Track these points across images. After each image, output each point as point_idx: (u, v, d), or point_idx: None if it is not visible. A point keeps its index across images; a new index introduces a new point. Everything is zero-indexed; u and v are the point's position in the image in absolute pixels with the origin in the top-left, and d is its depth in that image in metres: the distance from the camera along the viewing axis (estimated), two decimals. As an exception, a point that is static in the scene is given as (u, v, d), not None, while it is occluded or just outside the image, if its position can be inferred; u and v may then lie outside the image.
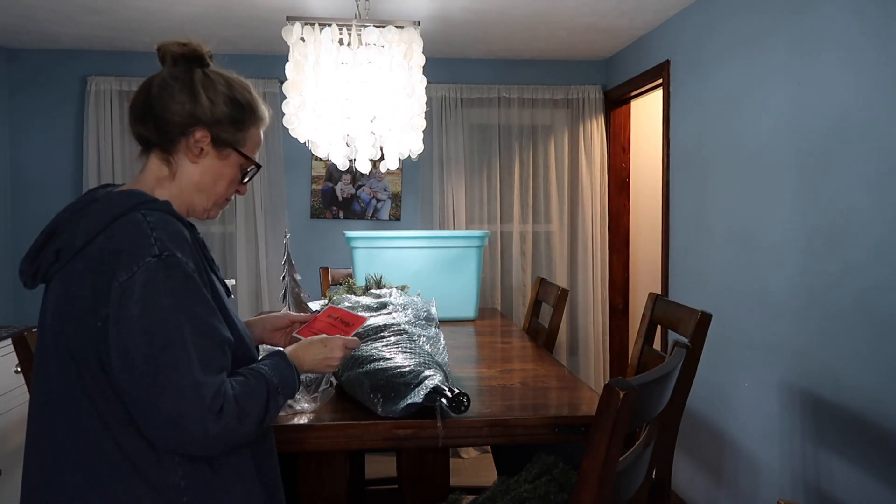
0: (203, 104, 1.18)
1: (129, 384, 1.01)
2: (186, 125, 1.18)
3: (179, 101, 1.18)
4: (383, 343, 1.59)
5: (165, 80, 1.20)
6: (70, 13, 3.09)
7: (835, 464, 2.10)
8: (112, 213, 1.08)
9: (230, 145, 1.22)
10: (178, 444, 1.03)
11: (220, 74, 1.23)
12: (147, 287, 1.02)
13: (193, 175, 1.20)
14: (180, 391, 1.00)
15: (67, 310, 1.06)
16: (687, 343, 1.62)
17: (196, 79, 1.20)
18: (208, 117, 1.19)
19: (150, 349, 1.00)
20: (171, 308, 1.03)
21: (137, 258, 1.03)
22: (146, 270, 1.03)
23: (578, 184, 4.01)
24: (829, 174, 2.12)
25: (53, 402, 1.07)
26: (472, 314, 2.84)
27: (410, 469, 1.63)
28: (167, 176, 1.19)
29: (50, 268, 1.10)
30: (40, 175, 3.74)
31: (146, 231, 1.05)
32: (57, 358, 1.07)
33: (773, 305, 2.42)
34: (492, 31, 3.43)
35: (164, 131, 1.18)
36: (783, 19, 2.36)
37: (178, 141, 1.18)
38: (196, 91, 1.18)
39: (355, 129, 2.37)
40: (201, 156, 1.20)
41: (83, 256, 1.06)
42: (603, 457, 1.06)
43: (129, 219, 1.07)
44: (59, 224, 1.12)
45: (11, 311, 3.73)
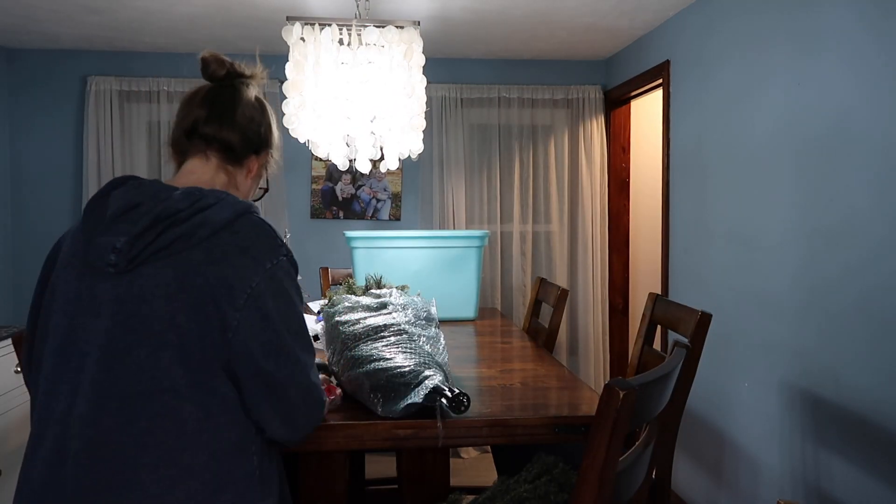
0: (271, 129, 1.31)
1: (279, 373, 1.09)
2: (260, 147, 1.29)
3: (258, 121, 1.28)
4: (383, 343, 1.59)
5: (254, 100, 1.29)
6: (70, 13, 3.09)
7: (835, 464, 2.10)
8: (235, 209, 1.11)
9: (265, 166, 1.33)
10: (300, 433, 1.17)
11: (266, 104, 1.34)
12: (286, 283, 1.11)
13: (244, 190, 1.29)
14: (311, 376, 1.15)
15: (180, 296, 1.04)
16: (687, 343, 1.62)
17: (264, 103, 1.31)
18: (270, 143, 1.31)
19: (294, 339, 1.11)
20: (299, 301, 1.15)
21: (272, 256, 1.11)
22: (281, 268, 1.11)
23: (578, 184, 4.01)
24: (829, 174, 2.12)
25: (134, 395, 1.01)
26: (472, 314, 2.83)
27: (410, 469, 1.63)
28: (226, 183, 1.25)
29: (157, 253, 1.05)
30: (40, 175, 3.74)
31: (272, 232, 1.14)
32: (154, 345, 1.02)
33: (773, 305, 2.42)
34: (492, 31, 3.43)
35: (243, 142, 1.25)
36: (783, 19, 2.36)
37: (248, 156, 1.27)
38: (266, 114, 1.30)
39: (355, 129, 2.37)
40: (255, 175, 1.31)
41: (206, 247, 1.07)
42: (603, 457, 1.06)
43: (251, 219, 1.13)
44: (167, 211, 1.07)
45: (11, 311, 3.73)
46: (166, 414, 1.02)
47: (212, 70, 1.27)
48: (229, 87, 1.28)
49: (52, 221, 3.74)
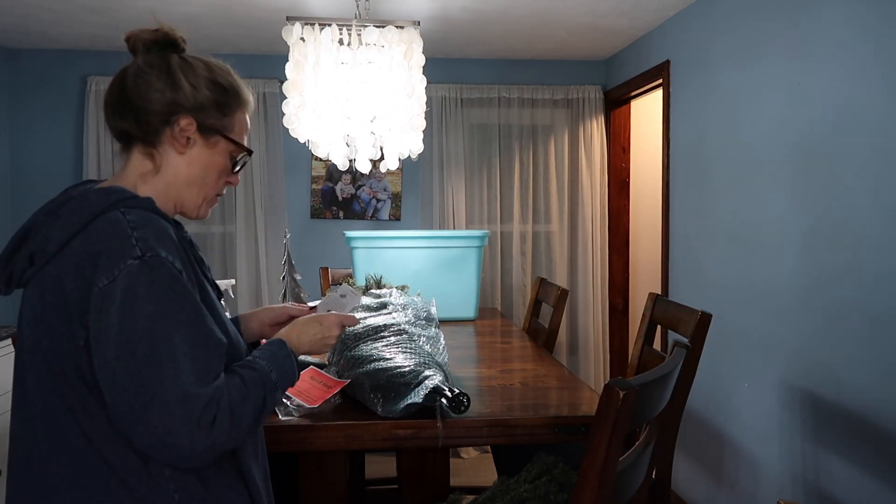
0: (185, 90, 1.10)
1: (111, 397, 0.94)
2: (169, 113, 1.09)
3: (158, 88, 1.09)
4: (383, 343, 1.59)
5: (140, 68, 1.11)
6: (70, 13, 3.09)
7: (835, 464, 2.10)
8: (89, 212, 0.99)
9: (218, 131, 1.13)
10: (167, 459, 0.98)
11: (198, 58, 1.16)
12: (129, 292, 0.94)
13: (181, 167, 1.12)
14: (166, 405, 0.92)
15: (42, 318, 0.99)
16: (687, 343, 1.62)
17: (174, 64, 1.12)
18: (192, 103, 1.10)
19: (133, 360, 0.93)
20: (157, 314, 0.95)
21: (118, 261, 0.95)
22: (128, 274, 0.95)
23: (578, 184, 4.01)
24: (828, 174, 2.13)
25: (34, 416, 1.01)
26: (472, 314, 2.84)
27: (410, 469, 1.63)
28: (150, 171, 1.11)
29: (24, 272, 1.02)
30: (40, 175, 3.74)
31: (126, 231, 0.97)
32: (34, 369, 1.00)
33: (773, 305, 2.42)
34: (492, 31, 3.43)
35: (146, 122, 1.09)
36: (783, 19, 2.36)
37: (161, 131, 1.10)
38: (175, 76, 1.10)
39: (355, 129, 2.37)
40: (188, 146, 1.11)
41: (58, 260, 0.98)
42: (603, 457, 1.06)
43: (108, 218, 0.99)
44: (33, 225, 1.03)
45: (11, 311, 3.73)
46: (59, 437, 0.99)
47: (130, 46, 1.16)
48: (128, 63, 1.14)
49: (52, 221, 3.74)
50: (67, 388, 0.99)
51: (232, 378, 1.04)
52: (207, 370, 0.98)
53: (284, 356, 1.16)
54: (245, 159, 1.20)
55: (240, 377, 1.05)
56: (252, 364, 1.09)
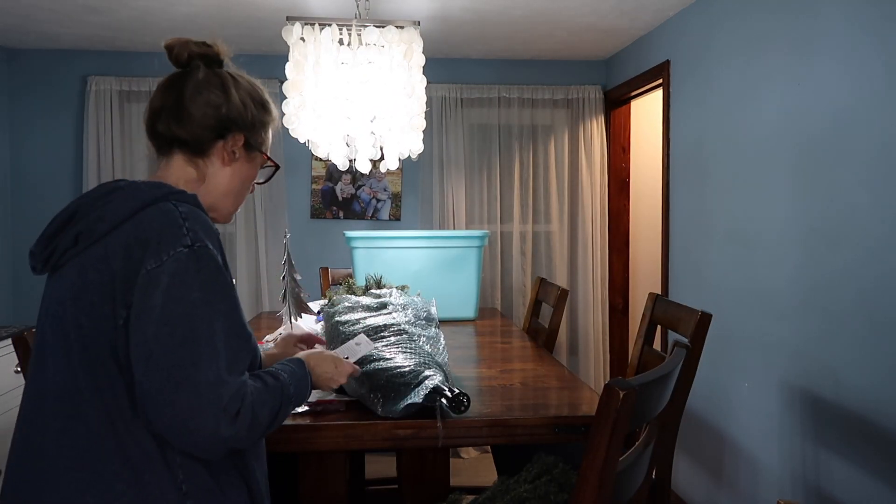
0: (238, 107, 1.17)
1: (144, 376, 0.96)
2: (225, 129, 1.16)
3: (216, 104, 1.15)
4: (383, 343, 1.59)
5: (201, 81, 1.16)
6: (70, 13, 3.09)
7: (835, 464, 2.10)
8: (141, 200, 1.03)
9: (257, 148, 1.22)
10: (184, 444, 0.99)
11: (241, 75, 1.23)
12: (176, 277, 0.98)
13: (223, 179, 1.18)
14: (197, 388, 0.95)
15: (83, 296, 1.01)
16: (687, 343, 1.62)
17: (228, 81, 1.18)
18: (243, 121, 1.18)
19: (171, 341, 0.96)
20: (201, 301, 0.99)
21: (168, 247, 0.99)
22: (177, 260, 0.99)
23: (578, 184, 4.01)
24: (829, 174, 2.13)
25: (54, 395, 1.02)
26: (472, 314, 2.84)
27: (410, 469, 1.63)
28: (194, 179, 1.16)
29: (65, 253, 1.04)
30: (40, 175, 3.74)
31: (178, 220, 1.02)
32: (66, 347, 1.01)
33: (772, 305, 2.42)
34: (492, 31, 3.43)
35: (200, 133, 1.15)
36: (783, 19, 2.36)
37: (213, 144, 1.16)
38: (230, 93, 1.17)
39: (355, 129, 2.37)
40: (234, 160, 1.19)
41: (105, 243, 1.01)
42: (603, 457, 1.06)
43: (160, 207, 1.03)
44: (80, 208, 1.06)
45: (11, 311, 3.73)
46: (77, 416, 1.00)
47: (175, 54, 1.18)
48: (185, 73, 1.18)
49: (52, 221, 3.74)
50: (99, 366, 1.00)
51: (255, 380, 1.07)
52: (237, 361, 1.03)
53: (302, 376, 1.19)
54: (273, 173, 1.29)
55: (262, 381, 1.08)
56: (275, 374, 1.13)
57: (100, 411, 1.00)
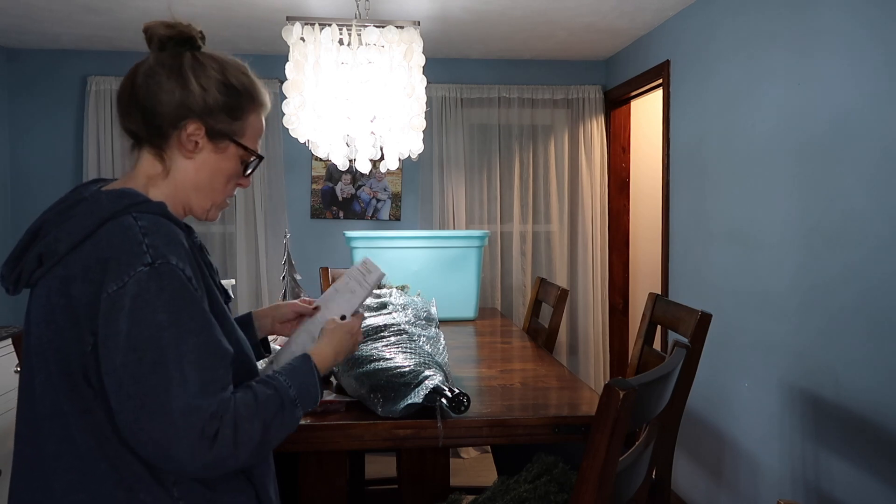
0: (194, 92, 1.07)
1: (117, 405, 0.93)
2: (178, 117, 1.07)
3: (168, 89, 1.06)
4: (383, 343, 1.59)
5: (152, 66, 1.08)
6: (70, 13, 3.09)
7: (835, 464, 2.10)
8: (100, 215, 0.98)
9: (227, 136, 1.11)
10: (172, 469, 0.96)
11: (213, 57, 1.12)
12: (138, 300, 0.93)
13: (188, 172, 1.10)
14: (169, 416, 0.91)
15: (51, 319, 0.98)
16: (687, 343, 1.62)
17: (185, 64, 1.09)
18: (201, 107, 1.07)
19: (140, 368, 0.92)
20: (165, 323, 0.94)
21: (128, 267, 0.94)
22: (137, 281, 0.94)
23: (578, 184, 4.01)
24: (829, 174, 2.13)
25: (41, 417, 0.99)
26: (472, 314, 2.84)
27: (410, 469, 1.63)
28: (160, 173, 1.09)
29: (33, 273, 1.00)
30: (40, 175, 3.74)
31: (137, 237, 0.96)
32: (44, 369, 0.99)
33: (773, 305, 2.42)
34: (492, 31, 3.43)
35: (154, 125, 1.07)
36: (783, 19, 2.36)
37: (169, 135, 1.07)
38: (186, 78, 1.07)
39: (355, 129, 2.37)
40: (196, 150, 1.09)
41: (67, 263, 0.97)
42: (603, 457, 1.06)
43: (119, 223, 0.97)
44: (42, 225, 1.02)
45: (11, 311, 3.73)
46: (67, 439, 0.98)
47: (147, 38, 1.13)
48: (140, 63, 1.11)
49: (52, 221, 3.74)
50: (75, 390, 0.97)
51: (245, 393, 1.01)
52: (213, 380, 0.97)
53: (307, 371, 1.13)
54: (256, 164, 1.17)
55: (253, 393, 1.02)
56: (269, 380, 1.07)
57: (87, 434, 0.97)
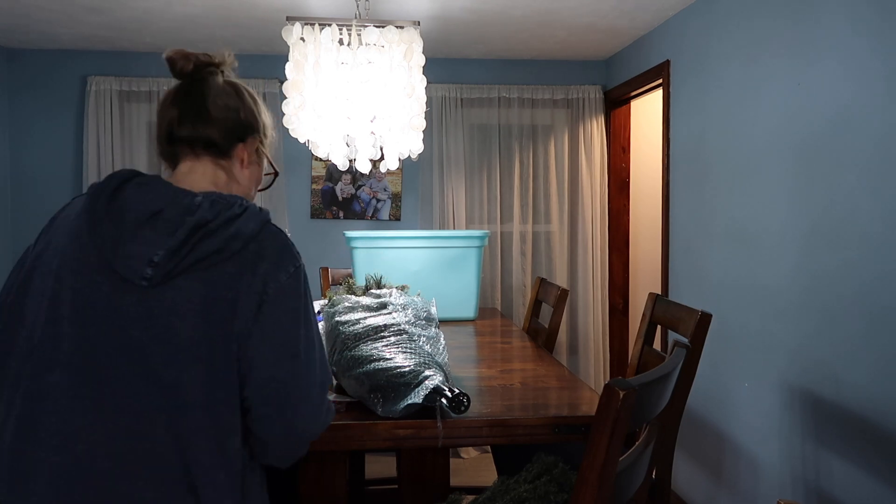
0: (251, 111, 1.23)
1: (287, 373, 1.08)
2: (244, 131, 1.21)
3: (234, 106, 1.20)
4: (383, 343, 1.59)
5: (221, 86, 1.21)
6: (70, 13, 3.09)
7: (835, 463, 2.10)
8: (260, 221, 1.11)
9: (261, 152, 1.27)
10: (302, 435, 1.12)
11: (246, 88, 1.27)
12: (304, 287, 1.13)
13: (243, 181, 1.24)
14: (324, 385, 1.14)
15: (213, 311, 1.03)
16: (687, 343, 1.62)
17: (239, 87, 1.24)
18: (257, 125, 1.23)
19: (307, 343, 1.11)
20: (312, 311, 1.14)
21: (290, 263, 1.11)
22: (299, 274, 1.12)
23: (578, 184, 4.01)
24: (829, 173, 2.13)
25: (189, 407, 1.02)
26: (472, 314, 2.84)
27: (410, 469, 1.63)
28: (225, 182, 1.20)
29: (191, 266, 1.04)
30: (40, 175, 3.74)
31: (288, 241, 1.14)
32: (199, 362, 1.02)
33: (773, 305, 2.42)
34: (492, 31, 3.43)
35: (227, 136, 1.19)
36: (783, 19, 2.36)
37: (234, 146, 1.20)
38: (243, 98, 1.22)
39: (355, 129, 2.37)
40: (252, 163, 1.24)
41: (234, 261, 1.07)
42: (603, 457, 1.06)
43: (271, 229, 1.13)
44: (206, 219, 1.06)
45: (11, 311, 3.73)
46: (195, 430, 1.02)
47: (179, 67, 1.19)
48: (198, 80, 1.19)
49: (52, 221, 3.74)
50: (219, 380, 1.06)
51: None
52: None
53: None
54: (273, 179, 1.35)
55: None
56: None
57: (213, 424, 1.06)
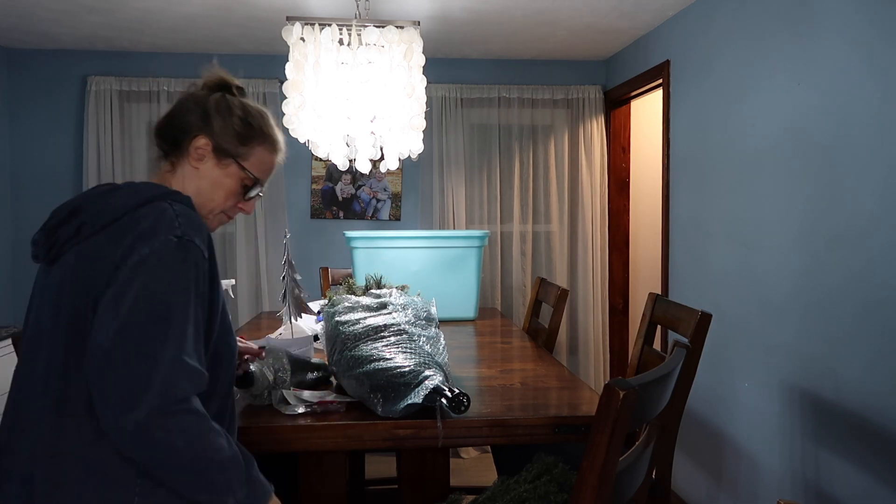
0: (213, 120, 1.27)
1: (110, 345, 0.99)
2: (194, 133, 1.26)
3: (194, 114, 1.27)
4: (383, 343, 1.59)
5: (186, 100, 1.30)
6: (70, 13, 3.09)
7: (835, 464, 2.10)
8: (140, 197, 1.13)
9: (231, 156, 1.28)
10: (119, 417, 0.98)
11: (241, 101, 1.32)
12: (161, 262, 1.06)
13: (193, 179, 1.27)
14: (156, 363, 0.99)
15: (82, 279, 1.08)
16: (687, 343, 1.62)
17: (211, 100, 1.29)
18: (213, 127, 1.27)
19: (145, 318, 1.01)
20: (179, 287, 1.06)
21: (159, 235, 1.07)
22: (164, 245, 1.07)
23: (578, 184, 4.01)
24: (829, 174, 2.13)
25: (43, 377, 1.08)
26: (472, 314, 2.84)
27: (410, 469, 1.63)
28: (169, 172, 1.28)
29: (67, 241, 1.12)
30: (40, 175, 3.74)
31: (171, 216, 1.11)
32: (56, 328, 1.08)
33: (772, 305, 2.42)
34: (492, 31, 3.43)
35: (175, 140, 1.27)
36: (783, 20, 2.36)
37: (184, 146, 1.26)
38: (208, 110, 1.28)
39: (355, 129, 2.37)
40: (202, 161, 1.27)
41: (106, 233, 1.10)
42: (603, 457, 1.06)
43: (156, 206, 1.13)
44: (83, 203, 1.15)
45: (11, 311, 3.73)
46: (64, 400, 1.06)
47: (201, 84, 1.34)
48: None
49: (52, 221, 3.74)
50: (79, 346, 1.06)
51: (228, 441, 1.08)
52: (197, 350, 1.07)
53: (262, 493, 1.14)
54: (256, 189, 1.32)
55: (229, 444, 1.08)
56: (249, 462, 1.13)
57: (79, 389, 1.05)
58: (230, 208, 1.32)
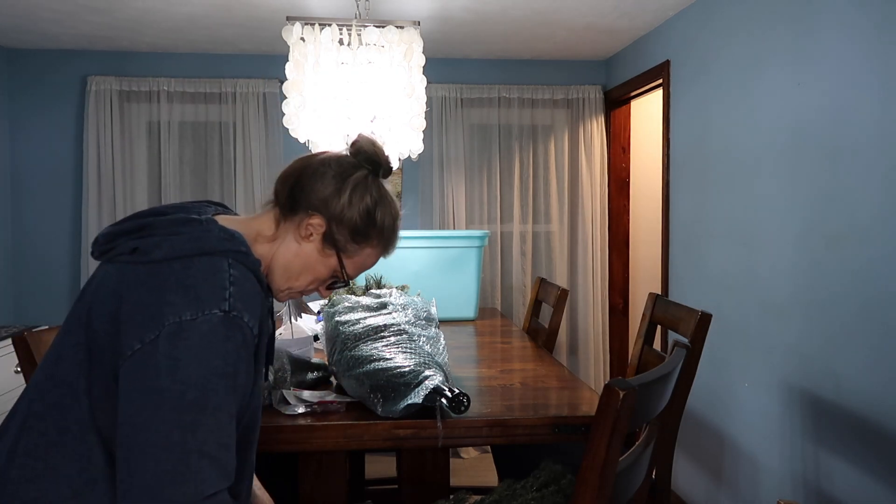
0: (341, 202, 1.16)
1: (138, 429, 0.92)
2: (314, 207, 1.16)
3: (324, 186, 1.16)
4: (383, 343, 1.59)
5: (330, 162, 1.18)
6: (70, 13, 3.09)
7: (835, 463, 2.10)
8: (202, 246, 1.03)
9: (336, 248, 1.18)
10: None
11: (380, 191, 1.21)
12: (204, 339, 0.96)
13: (289, 252, 1.17)
14: (184, 456, 0.91)
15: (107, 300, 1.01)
16: (687, 343, 1.62)
17: (352, 179, 1.17)
18: (336, 213, 1.16)
19: (177, 401, 0.93)
20: (220, 371, 0.96)
21: (205, 305, 0.97)
22: (209, 321, 0.96)
23: (578, 184, 4.01)
24: (829, 174, 2.13)
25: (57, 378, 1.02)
26: (472, 314, 2.84)
27: (410, 469, 1.63)
28: (269, 237, 1.16)
29: (121, 256, 1.04)
30: (40, 175, 3.74)
31: (225, 282, 1.00)
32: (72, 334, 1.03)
33: (773, 305, 2.42)
34: (492, 31, 3.43)
35: (294, 200, 1.16)
36: (783, 20, 2.36)
37: (297, 214, 1.16)
38: (343, 188, 1.16)
39: (355, 129, 2.37)
40: (307, 240, 1.17)
41: (152, 268, 1.01)
42: (603, 457, 1.06)
43: (214, 261, 1.02)
44: (152, 224, 1.07)
45: (11, 311, 3.73)
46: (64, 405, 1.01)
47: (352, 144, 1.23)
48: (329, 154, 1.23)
49: (52, 221, 3.74)
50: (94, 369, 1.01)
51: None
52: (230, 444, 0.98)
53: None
54: (340, 285, 1.24)
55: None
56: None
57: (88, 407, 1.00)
58: (309, 290, 1.22)
